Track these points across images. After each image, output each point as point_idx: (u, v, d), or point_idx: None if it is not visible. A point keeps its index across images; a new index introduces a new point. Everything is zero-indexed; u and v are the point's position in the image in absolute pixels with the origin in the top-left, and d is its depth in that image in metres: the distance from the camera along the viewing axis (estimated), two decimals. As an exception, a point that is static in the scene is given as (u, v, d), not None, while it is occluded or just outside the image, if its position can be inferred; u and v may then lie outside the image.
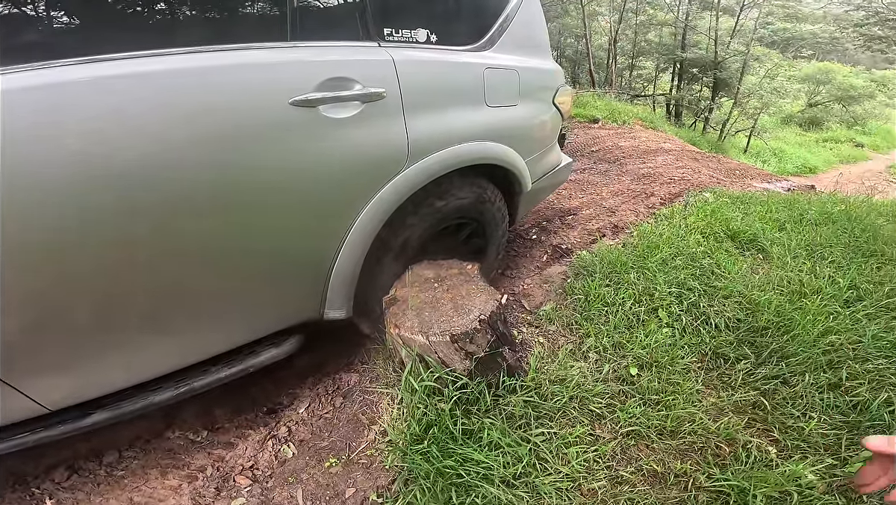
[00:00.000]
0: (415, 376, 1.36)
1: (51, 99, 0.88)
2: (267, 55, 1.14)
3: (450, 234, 1.76)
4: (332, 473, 1.34)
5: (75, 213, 0.93)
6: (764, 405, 1.47)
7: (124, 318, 1.10)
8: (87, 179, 0.92)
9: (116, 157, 0.95)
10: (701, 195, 3.25)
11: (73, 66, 0.90)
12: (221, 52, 1.08)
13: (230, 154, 1.08)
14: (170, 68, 1.00)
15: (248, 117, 1.10)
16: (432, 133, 1.45)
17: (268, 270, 1.28)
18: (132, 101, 0.96)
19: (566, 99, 2.16)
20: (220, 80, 1.06)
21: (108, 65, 0.94)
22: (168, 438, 1.51)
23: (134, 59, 0.97)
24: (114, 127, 0.94)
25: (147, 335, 1.16)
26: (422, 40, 1.48)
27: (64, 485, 1.36)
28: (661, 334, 1.73)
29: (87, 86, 0.91)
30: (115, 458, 1.44)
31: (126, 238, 1.01)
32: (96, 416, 1.17)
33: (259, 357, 1.38)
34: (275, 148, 1.14)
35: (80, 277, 0.99)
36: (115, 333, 1.11)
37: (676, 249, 2.27)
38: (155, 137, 0.98)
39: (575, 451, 1.29)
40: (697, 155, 4.84)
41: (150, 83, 0.97)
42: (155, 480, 1.38)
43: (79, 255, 0.97)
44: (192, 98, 1.02)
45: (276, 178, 1.17)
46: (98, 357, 1.11)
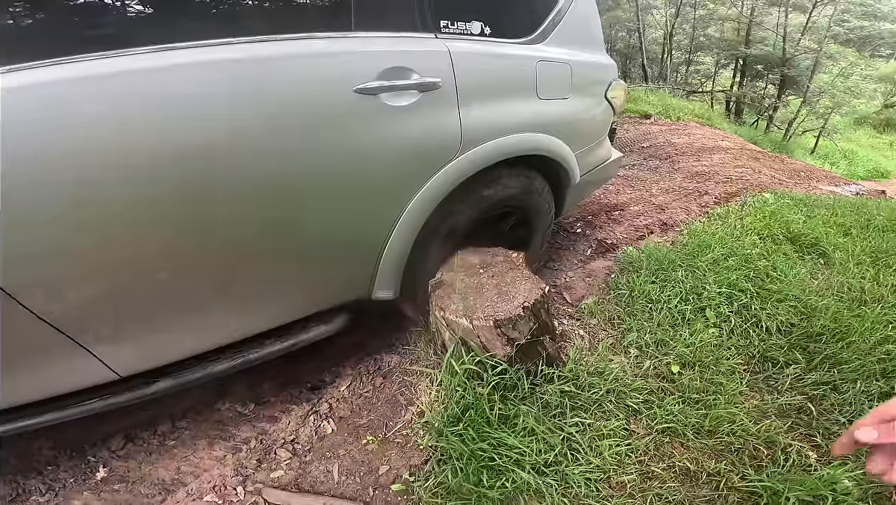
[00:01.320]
0: (456, 359, 1.39)
1: (121, 87, 0.93)
2: (333, 44, 1.20)
3: (495, 223, 1.78)
4: (368, 450, 1.39)
5: (150, 192, 0.99)
6: (810, 410, 1.43)
7: (192, 290, 1.17)
8: (158, 161, 0.98)
9: (189, 140, 1.01)
10: (760, 196, 3.11)
11: (142, 55, 0.95)
12: (290, 41, 1.13)
13: (297, 139, 1.15)
14: (241, 56, 1.05)
15: (315, 103, 1.16)
16: (484, 123, 1.48)
17: (325, 249, 1.35)
18: (204, 88, 1.01)
19: (619, 93, 2.13)
20: (290, 67, 1.12)
21: (183, 53, 0.99)
22: (218, 410, 1.59)
23: (210, 47, 1.02)
24: (185, 112, 1.00)
25: (212, 307, 1.23)
26: (476, 32, 1.51)
27: (119, 453, 1.45)
28: (707, 334, 1.70)
29: (155, 74, 0.96)
30: (168, 427, 1.53)
31: (196, 216, 1.07)
32: (160, 383, 1.24)
33: (310, 333, 1.45)
34: (338, 133, 1.20)
35: (155, 250, 1.06)
36: (184, 304, 1.18)
37: (730, 250, 2.20)
38: (225, 122, 1.04)
39: (608, 443, 1.30)
40: (758, 154, 4.59)
41: (222, 70, 1.03)
42: (202, 451, 1.46)
43: (154, 230, 1.04)
44: (264, 85, 1.09)
45: (339, 162, 1.23)
46: (167, 326, 1.18)
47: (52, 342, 1.04)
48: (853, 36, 13.35)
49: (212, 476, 1.34)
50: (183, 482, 1.36)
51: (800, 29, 12.00)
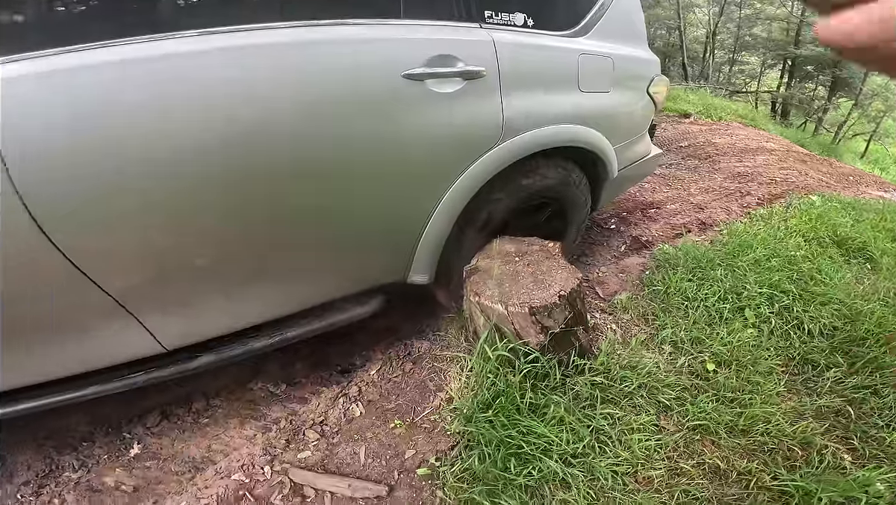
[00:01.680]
0: (489, 345, 1.40)
1: (171, 70, 0.96)
2: (383, 30, 1.23)
3: (531, 214, 1.79)
4: (396, 434, 1.41)
5: (202, 173, 1.03)
6: (848, 413, 1.41)
7: (239, 267, 1.22)
8: (207, 144, 1.02)
9: (237, 123, 1.04)
10: (807, 198, 3.00)
11: (188, 38, 0.98)
12: (341, 27, 1.17)
13: (344, 123, 1.19)
14: (290, 40, 1.10)
15: (363, 87, 1.20)
16: (525, 113, 1.49)
17: (365, 232, 1.39)
18: (252, 72, 1.05)
19: (661, 89, 2.10)
20: (340, 52, 1.16)
21: (231, 37, 1.03)
22: (251, 389, 1.63)
23: (259, 31, 1.06)
24: (233, 95, 1.03)
25: (257, 285, 1.27)
26: (519, 24, 1.52)
27: (153, 430, 1.49)
28: (745, 334, 1.67)
29: (201, 58, 0.99)
30: (203, 405, 1.56)
31: (239, 196, 1.11)
32: (202, 358, 1.27)
33: (346, 313, 1.48)
34: (385, 118, 1.24)
35: (205, 228, 1.11)
36: (230, 281, 1.22)
37: (772, 251, 2.15)
38: (272, 106, 1.08)
39: (637, 438, 1.29)
40: (805, 157, 4.41)
41: (269, 54, 1.07)
42: (233, 430, 1.48)
43: (206, 208, 1.08)
44: (313, 69, 1.13)
45: (384, 146, 1.26)
46: (214, 302, 1.22)
47: (110, 313, 1.09)
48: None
49: (241, 455, 1.37)
50: (213, 460, 1.39)
51: (855, 29, 11.43)
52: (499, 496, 1.16)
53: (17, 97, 0.86)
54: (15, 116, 0.86)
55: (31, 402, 1.15)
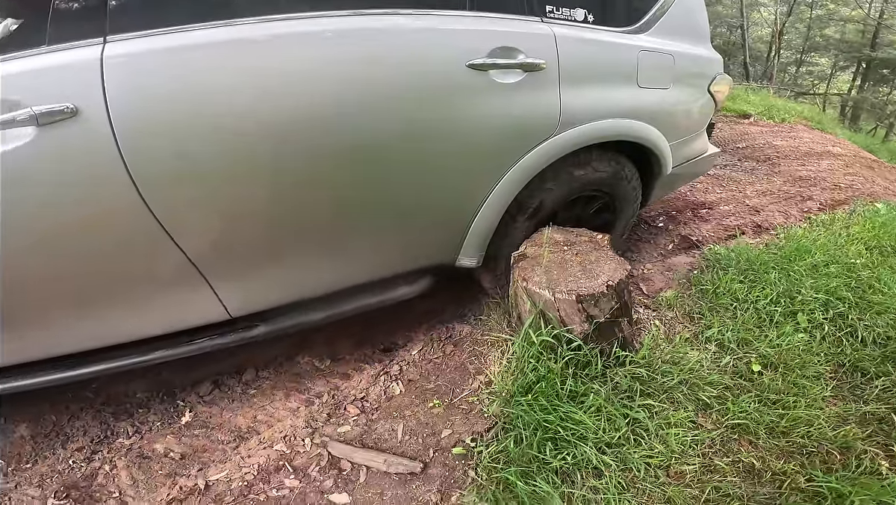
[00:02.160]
0: (534, 330, 1.43)
1: (235, 55, 1.04)
2: (451, 20, 1.29)
3: (581, 206, 1.82)
4: (434, 413, 1.43)
5: (270, 150, 1.12)
6: (892, 421, 1.37)
7: (303, 241, 1.29)
8: (287, 125, 1.11)
9: (315, 104, 1.13)
10: (871, 205, 2.85)
11: (273, 22, 1.06)
12: (411, 16, 1.24)
13: (411, 108, 1.26)
14: (369, 27, 1.17)
15: (430, 75, 1.26)
16: (583, 106, 1.52)
17: (421, 213, 1.46)
18: (336, 55, 1.14)
19: (723, 88, 2.06)
20: (410, 40, 1.23)
21: (312, 21, 1.11)
22: (298, 363, 1.68)
23: (337, 18, 1.14)
24: (311, 76, 1.12)
25: (319, 258, 1.35)
26: (579, 19, 1.54)
27: (206, 399, 1.54)
28: (795, 338, 1.64)
29: (280, 42, 1.08)
30: (252, 376, 1.62)
31: (309, 174, 1.20)
32: (262, 328, 1.34)
33: (396, 291, 1.55)
34: (449, 105, 1.30)
35: (273, 199, 1.19)
36: (295, 254, 1.30)
37: (831, 257, 2.07)
38: (346, 90, 1.15)
39: (673, 432, 1.29)
40: (873, 163, 4.15)
41: (353, 40, 1.16)
42: (278, 402, 1.53)
43: (274, 181, 1.17)
44: (385, 55, 1.20)
45: (446, 132, 1.32)
46: (278, 272, 1.30)
47: (183, 274, 1.18)
48: None
49: (284, 427, 1.42)
50: (257, 431, 1.44)
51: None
52: (532, 478, 1.18)
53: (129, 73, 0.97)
54: (124, 90, 0.97)
55: (101, 364, 1.25)
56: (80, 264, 1.09)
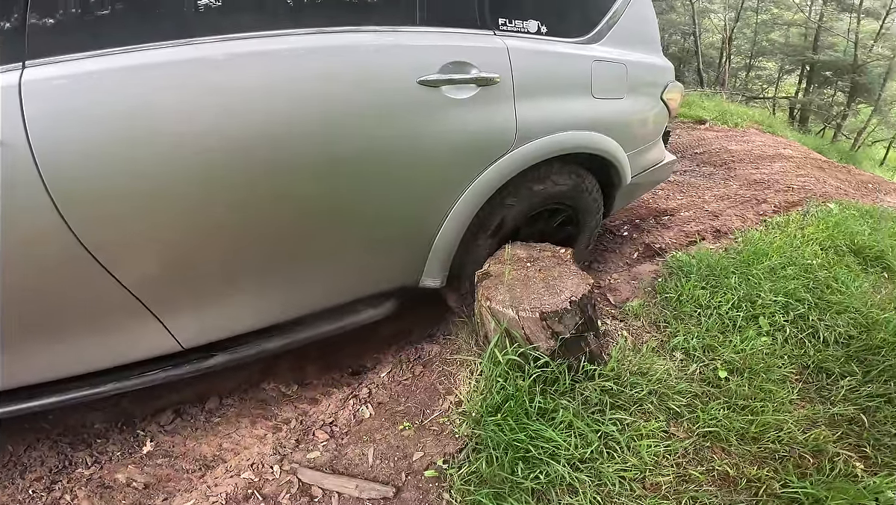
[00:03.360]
0: (500, 349, 1.40)
1: (186, 74, 1.00)
2: (399, 37, 1.26)
3: (544, 220, 1.80)
4: (404, 436, 1.41)
5: (217, 173, 1.07)
6: (862, 421, 1.39)
7: (256, 267, 1.25)
8: (229, 146, 1.06)
9: (255, 126, 1.08)
10: (824, 206, 2.96)
11: (209, 44, 1.02)
12: (358, 33, 1.20)
13: (360, 127, 1.21)
14: (316, 46, 1.14)
15: (380, 92, 1.23)
16: (539, 119, 1.51)
17: (379, 235, 1.42)
18: (282, 75, 1.10)
19: (675, 95, 2.10)
20: (358, 57, 1.19)
21: (252, 42, 1.07)
22: (263, 389, 1.63)
23: (292, 35, 1.11)
24: (252, 100, 1.07)
25: (273, 285, 1.30)
26: (533, 31, 1.54)
27: (167, 428, 1.49)
28: (759, 342, 1.65)
29: (225, 63, 1.04)
30: (216, 404, 1.57)
31: (258, 197, 1.15)
32: (217, 358, 1.29)
33: (358, 316, 1.51)
34: (400, 123, 1.26)
35: (224, 229, 1.14)
36: (247, 281, 1.26)
37: (788, 259, 2.12)
38: (292, 109, 1.11)
39: (646, 444, 1.28)
40: (823, 164, 4.34)
41: (299, 59, 1.12)
42: (244, 429, 1.49)
43: (221, 207, 1.11)
44: (333, 74, 1.16)
45: (398, 151, 1.29)
46: (230, 301, 1.25)
47: (126, 308, 1.11)
48: (930, 43, 12.39)
49: (251, 454, 1.38)
50: (223, 459, 1.40)
51: (872, 35, 11.26)
52: (505, 499, 1.15)
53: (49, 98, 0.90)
54: (46, 117, 0.90)
55: (49, 398, 1.18)
56: (8, 296, 1.02)
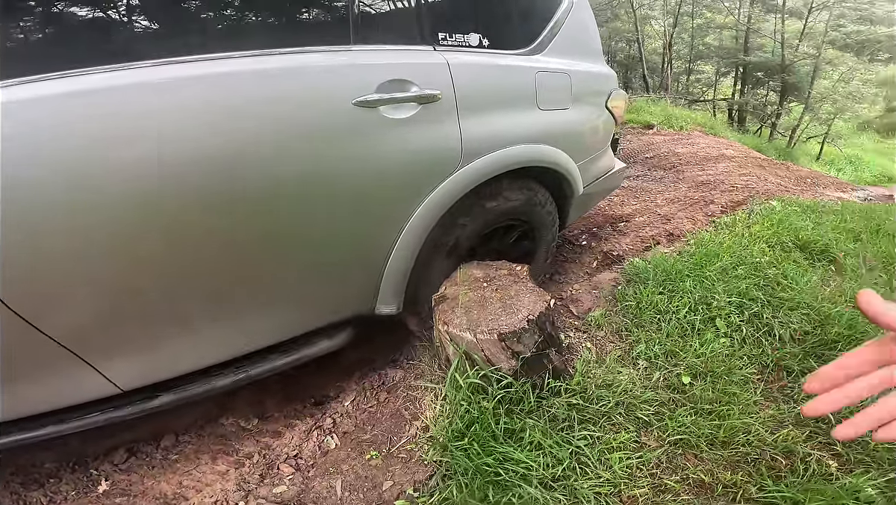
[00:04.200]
0: (460, 373, 1.37)
1: (120, 100, 0.94)
2: (332, 58, 1.20)
3: (499, 236, 1.77)
4: (372, 465, 1.37)
5: (153, 203, 1.00)
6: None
7: (195, 304, 1.17)
8: (158, 176, 0.99)
9: (188, 154, 1.01)
10: (767, 203, 3.08)
11: (142, 69, 0.97)
12: (288, 55, 1.14)
13: (296, 153, 1.15)
14: (242, 69, 1.07)
15: (314, 116, 1.16)
16: (485, 135, 1.47)
17: (326, 264, 1.34)
18: (203, 101, 1.02)
19: (619, 103, 2.13)
20: (289, 81, 1.13)
21: (188, 66, 1.01)
22: (221, 425, 1.58)
23: (208, 62, 1.04)
24: (184, 126, 1.01)
25: (215, 323, 1.22)
26: (474, 44, 1.51)
27: (121, 467, 1.43)
28: (717, 344, 1.66)
29: (153, 88, 0.97)
30: (171, 442, 1.51)
31: (197, 230, 1.08)
32: (163, 398, 1.23)
33: (313, 348, 1.43)
34: (338, 147, 1.20)
35: (156, 263, 1.06)
36: (186, 319, 1.18)
37: (738, 259, 2.17)
38: (225, 136, 1.05)
39: (618, 456, 1.27)
40: (763, 162, 4.57)
41: (221, 84, 1.05)
42: (205, 465, 1.44)
43: (156, 243, 1.04)
44: (262, 97, 1.09)
45: (338, 175, 1.22)
46: (169, 341, 1.18)
47: (53, 355, 1.03)
48: (850, 41, 13.40)
49: (214, 491, 1.32)
50: (185, 497, 1.34)
51: (797, 35, 12.05)
52: None
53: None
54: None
55: None
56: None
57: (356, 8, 1.25)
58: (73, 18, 0.94)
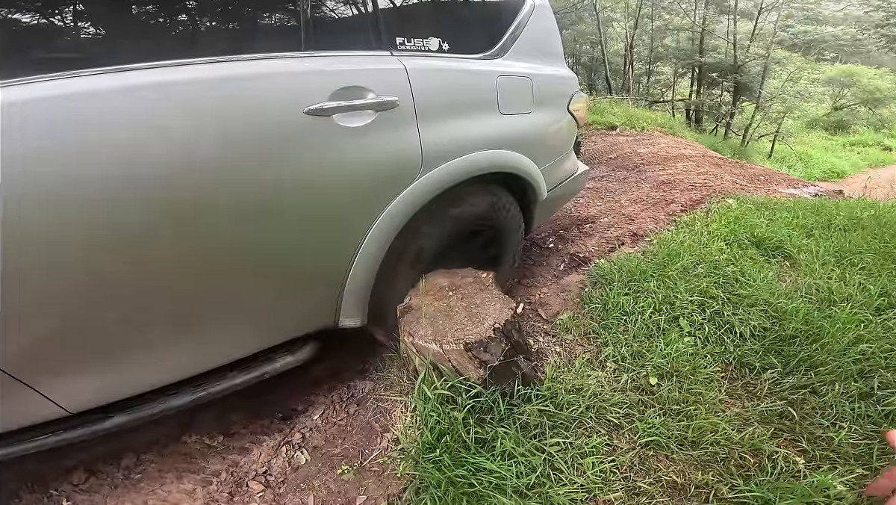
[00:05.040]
0: (428, 385, 1.35)
1: (78, 107, 0.90)
2: (282, 65, 1.16)
3: (465, 243, 1.74)
4: (344, 480, 1.34)
5: (99, 217, 0.95)
6: (791, 415, 1.42)
7: (144, 322, 1.12)
8: (108, 185, 0.95)
9: (137, 164, 0.97)
10: (724, 201, 3.18)
11: (100, 75, 0.93)
12: (238, 63, 1.10)
13: (247, 163, 1.10)
14: (189, 77, 1.02)
15: (265, 126, 1.11)
16: (446, 141, 1.45)
17: (283, 277, 1.29)
18: (153, 109, 0.98)
19: (581, 106, 2.14)
20: (238, 89, 1.08)
21: (132, 74, 0.97)
22: (185, 443, 1.53)
23: (156, 68, 0.99)
24: (134, 135, 0.96)
25: (166, 340, 1.18)
26: (434, 49, 1.49)
27: (82, 487, 1.38)
28: (682, 343, 1.69)
29: (112, 94, 0.94)
30: (132, 461, 1.46)
31: (146, 243, 1.03)
32: (116, 419, 1.19)
33: (275, 364, 1.39)
34: (291, 157, 1.16)
35: (102, 280, 1.01)
36: (136, 338, 1.13)
37: (698, 257, 2.22)
38: (175, 146, 1.01)
39: (591, 461, 1.27)
40: (719, 161, 4.73)
41: (168, 92, 1.00)
42: (170, 484, 1.39)
43: (101, 258, 0.99)
44: (209, 108, 1.04)
45: (291, 187, 1.18)
46: (119, 362, 1.13)
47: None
48: (798, 41, 14.10)
49: None
50: None
51: (748, 36, 12.57)
52: None
53: None
54: None
55: None
56: None
57: (308, 13, 1.21)
58: (18, 24, 0.90)
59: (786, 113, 12.96)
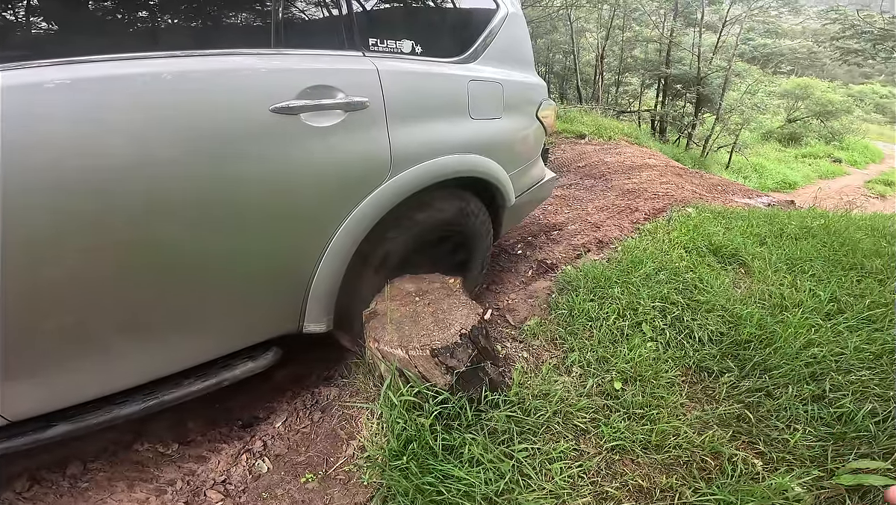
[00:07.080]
0: (394, 391, 1.34)
1: (28, 99, 0.86)
2: (249, 61, 1.13)
3: (433, 248, 1.73)
4: (309, 488, 1.32)
5: (48, 216, 0.90)
6: (748, 418, 1.47)
7: (92, 327, 1.07)
8: (60, 182, 0.90)
9: (91, 161, 0.93)
10: (684, 210, 3.29)
11: (47, 67, 0.88)
12: (205, 58, 1.06)
13: (208, 160, 1.06)
14: (152, 71, 0.98)
15: (227, 123, 1.08)
16: (415, 144, 1.44)
17: (244, 280, 1.25)
18: (109, 103, 0.94)
19: (549, 113, 2.18)
20: (204, 84, 1.05)
21: (89, 66, 0.92)
22: (136, 451, 1.47)
23: (115, 61, 0.95)
24: (90, 129, 0.92)
25: (115, 346, 1.12)
26: (406, 51, 1.48)
27: (25, 495, 1.31)
28: (645, 348, 1.73)
29: (62, 88, 0.89)
30: (79, 469, 1.40)
31: (96, 244, 0.98)
32: (58, 428, 1.13)
33: (234, 371, 1.33)
34: (254, 155, 1.12)
35: (41, 280, 0.95)
36: (83, 344, 1.07)
37: (660, 264, 2.28)
38: (132, 140, 0.96)
39: (559, 466, 1.27)
40: (681, 171, 4.90)
41: (130, 85, 0.96)
42: (121, 493, 1.34)
43: (41, 256, 0.93)
44: (165, 101, 1.00)
45: (255, 186, 1.14)
46: (64, 368, 1.07)
47: None
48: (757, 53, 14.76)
49: None
50: None
51: (712, 48, 13.08)
52: None
53: None
54: None
55: None
56: None
57: (279, 10, 1.18)
58: None
59: (743, 125, 13.54)
